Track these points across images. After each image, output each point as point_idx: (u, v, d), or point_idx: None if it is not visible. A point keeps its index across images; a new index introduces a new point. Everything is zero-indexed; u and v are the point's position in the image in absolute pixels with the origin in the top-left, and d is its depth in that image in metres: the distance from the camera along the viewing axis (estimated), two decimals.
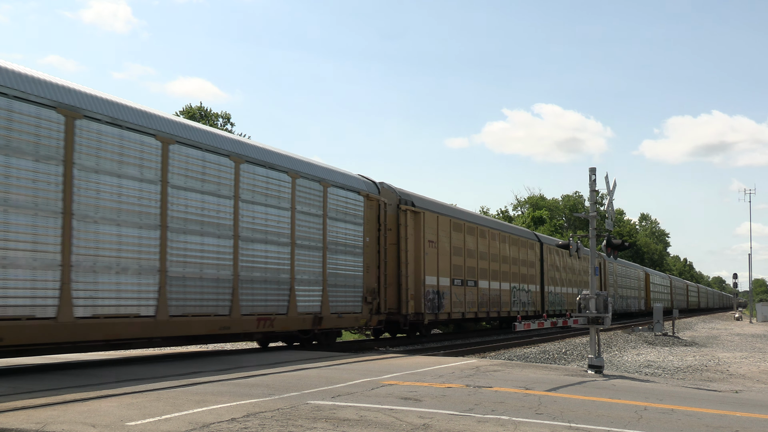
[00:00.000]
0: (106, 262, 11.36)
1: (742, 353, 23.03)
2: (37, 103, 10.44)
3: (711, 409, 9.21)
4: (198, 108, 48.07)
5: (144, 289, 12.04)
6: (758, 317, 58.93)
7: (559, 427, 7.02)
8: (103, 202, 11.42)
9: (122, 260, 11.66)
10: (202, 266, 13.32)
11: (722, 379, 15.49)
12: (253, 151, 14.99)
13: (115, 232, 11.57)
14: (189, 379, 9.87)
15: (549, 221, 74.40)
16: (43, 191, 10.45)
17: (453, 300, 23.37)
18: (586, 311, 13.82)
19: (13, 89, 10.15)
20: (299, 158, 16.79)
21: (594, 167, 14.10)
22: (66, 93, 11.01)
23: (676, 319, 36.50)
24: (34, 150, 10.37)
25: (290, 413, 7.26)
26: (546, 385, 10.45)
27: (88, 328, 11.01)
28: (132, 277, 11.83)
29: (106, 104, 11.68)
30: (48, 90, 10.71)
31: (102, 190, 11.41)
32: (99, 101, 11.58)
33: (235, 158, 14.23)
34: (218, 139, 14.21)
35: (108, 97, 11.94)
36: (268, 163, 15.16)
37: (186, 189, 13.02)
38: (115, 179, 11.66)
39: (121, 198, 11.73)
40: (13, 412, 6.99)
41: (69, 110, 10.87)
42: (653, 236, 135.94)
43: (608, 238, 14.90)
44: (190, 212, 13.07)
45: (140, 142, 12.15)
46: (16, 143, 10.13)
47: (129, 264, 11.77)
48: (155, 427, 6.39)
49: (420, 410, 7.66)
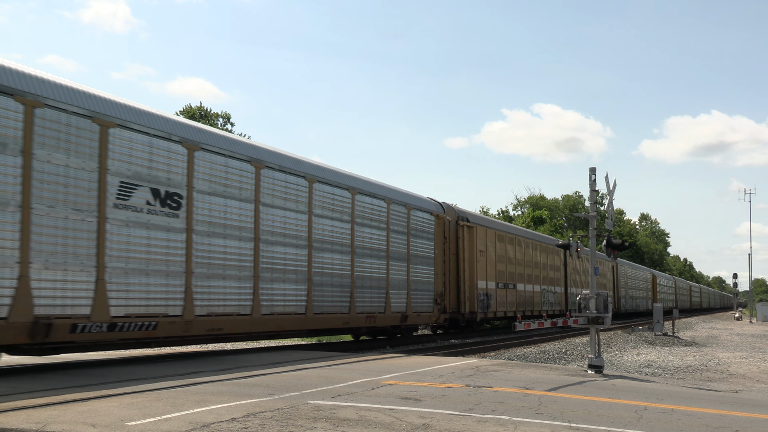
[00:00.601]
0: (280, 274, 15.52)
1: (742, 353, 23.02)
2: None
3: (711, 409, 9.21)
4: (198, 108, 48.06)
5: (301, 295, 16.14)
6: (758, 317, 58.94)
7: (559, 427, 7.02)
8: (277, 229, 15.56)
9: (288, 273, 15.79)
10: (332, 276, 17.31)
11: (722, 379, 15.48)
12: (365, 185, 19.37)
13: (282, 251, 15.66)
14: (189, 379, 9.87)
15: (549, 221, 74.39)
16: (245, 221, 14.64)
17: (497, 300, 27.32)
18: (586, 311, 13.82)
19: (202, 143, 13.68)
20: (392, 187, 21.18)
21: (594, 167, 14.10)
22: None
23: (676, 319, 36.48)
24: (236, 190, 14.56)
25: (290, 413, 7.26)
26: (546, 385, 10.45)
27: (268, 322, 15.10)
28: (293, 285, 15.97)
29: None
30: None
31: (274, 220, 15.47)
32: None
33: (352, 191, 18.54)
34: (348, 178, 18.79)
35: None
36: (374, 193, 19.50)
37: (322, 216, 17.10)
38: (279, 211, 15.65)
39: (286, 225, 15.82)
40: (13, 412, 6.99)
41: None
42: (653, 236, 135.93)
43: (608, 238, 14.89)
44: (326, 235, 17.19)
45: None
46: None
47: (293, 276, 15.91)
48: (155, 427, 6.39)
49: (420, 410, 7.66)
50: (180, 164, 13.02)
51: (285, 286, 15.61)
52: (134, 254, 11.98)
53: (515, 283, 29.26)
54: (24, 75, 10.57)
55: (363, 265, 18.58)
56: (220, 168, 13.99)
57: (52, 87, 10.94)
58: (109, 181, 11.57)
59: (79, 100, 11.27)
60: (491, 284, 26.71)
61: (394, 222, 20.17)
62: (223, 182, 14.00)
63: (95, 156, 11.39)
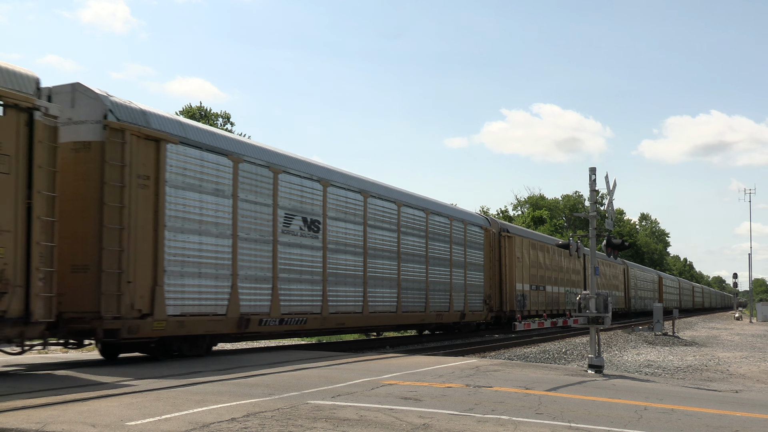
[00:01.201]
0: (380, 281, 19.56)
1: (742, 353, 23.02)
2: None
3: (711, 408, 9.21)
4: (198, 108, 48.05)
5: (393, 297, 20.23)
6: (758, 317, 58.93)
7: (559, 426, 7.02)
8: (378, 245, 19.53)
9: (385, 280, 19.86)
10: (414, 281, 21.47)
11: (722, 378, 15.48)
12: (435, 206, 23.61)
13: (381, 263, 19.68)
14: (189, 379, 9.87)
15: (549, 221, 74.40)
16: (359, 240, 18.67)
17: (531, 300, 31.10)
18: (586, 311, 13.82)
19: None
20: (453, 206, 26.76)
21: (594, 167, 14.09)
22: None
23: (676, 318, 36.52)
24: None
25: (290, 413, 7.26)
26: (546, 385, 10.45)
27: (372, 318, 19.12)
28: (388, 289, 19.94)
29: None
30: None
31: (375, 238, 19.51)
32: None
33: (426, 211, 22.63)
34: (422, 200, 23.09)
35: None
36: (440, 212, 23.71)
37: (406, 234, 21.13)
38: (378, 231, 19.59)
39: (384, 242, 19.90)
40: (13, 411, 6.99)
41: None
42: (653, 236, 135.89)
43: (608, 237, 14.89)
44: (408, 249, 21.25)
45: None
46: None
47: (388, 282, 20.02)
48: (155, 427, 6.38)
49: (420, 410, 7.65)
50: (318, 198, 17.01)
51: (383, 290, 19.69)
52: (294, 267, 15.94)
53: (545, 285, 33.19)
54: (231, 140, 14.77)
55: (434, 272, 22.82)
56: (343, 199, 18.00)
57: (247, 147, 15.06)
58: (279, 213, 15.53)
59: (261, 155, 15.28)
60: (526, 286, 30.55)
61: (455, 236, 24.52)
62: (344, 210, 18.00)
63: (270, 195, 15.37)
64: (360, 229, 18.63)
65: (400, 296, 20.48)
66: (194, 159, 13.30)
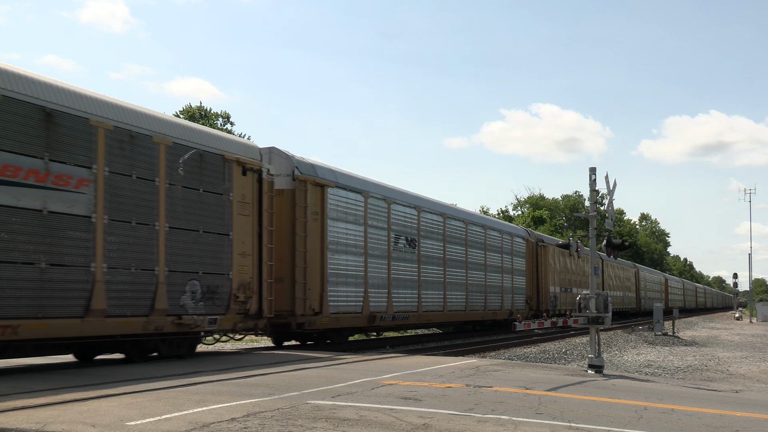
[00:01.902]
0: (455, 286, 24.47)
1: (742, 353, 23.02)
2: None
3: (711, 408, 9.21)
4: (198, 108, 48.03)
5: (462, 298, 25.01)
6: (758, 317, 58.94)
7: (559, 426, 7.02)
8: (450, 257, 24.20)
9: (457, 285, 24.64)
10: (477, 285, 26.30)
11: (722, 378, 15.48)
12: (491, 223, 29.20)
13: (452, 271, 24.36)
14: (189, 378, 9.87)
15: (549, 221, 74.38)
16: (439, 254, 23.55)
17: (561, 301, 35.41)
18: (586, 311, 13.81)
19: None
20: (502, 222, 32.89)
21: (594, 167, 14.09)
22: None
23: (676, 318, 36.55)
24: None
25: (290, 413, 7.25)
26: (546, 385, 10.45)
27: (449, 315, 24.07)
28: (459, 292, 24.82)
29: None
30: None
31: (450, 251, 24.46)
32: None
33: (484, 227, 27.50)
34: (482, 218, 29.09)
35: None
36: (494, 227, 28.71)
37: (471, 247, 26.10)
38: (450, 245, 24.32)
39: (456, 255, 24.83)
40: (13, 411, 6.98)
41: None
42: (653, 236, 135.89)
43: (608, 237, 14.89)
44: (472, 260, 25.95)
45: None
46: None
47: (459, 287, 24.82)
48: (155, 427, 6.38)
49: (420, 410, 7.65)
50: (414, 221, 21.80)
51: (455, 293, 24.37)
52: (400, 276, 20.72)
53: (571, 287, 37.65)
54: (363, 181, 19.43)
55: (490, 277, 27.60)
56: (430, 221, 22.84)
57: (372, 185, 19.68)
58: (391, 236, 20.28)
59: (380, 190, 20.03)
60: (557, 289, 34.82)
61: (504, 246, 29.31)
62: (431, 230, 22.80)
63: (386, 221, 20.06)
64: (440, 245, 23.43)
65: (468, 298, 25.36)
66: (342, 198, 18.11)
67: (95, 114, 11.24)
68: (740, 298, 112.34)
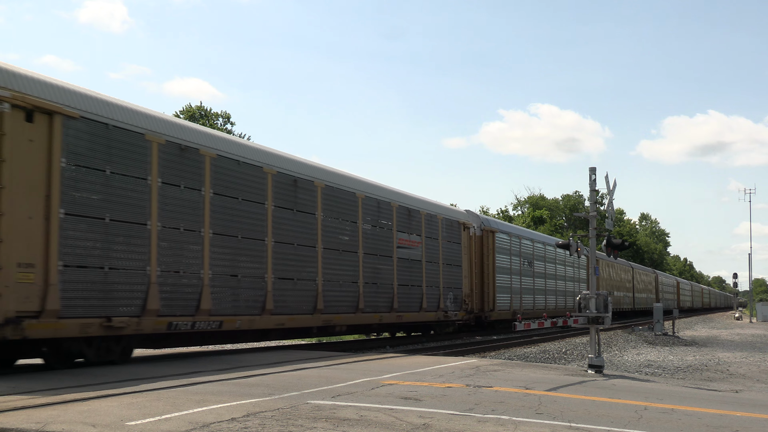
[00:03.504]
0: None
1: (742, 353, 23.03)
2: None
3: (711, 408, 9.21)
4: (198, 108, 48.02)
5: (530, 300, 32.01)
6: (758, 317, 58.95)
7: (560, 426, 7.02)
8: (536, 270, 33.01)
9: (536, 291, 32.83)
10: (539, 291, 33.05)
11: (722, 378, 15.48)
12: (539, 237, 35.02)
13: (540, 281, 33.11)
14: (189, 378, 9.87)
15: (549, 221, 74.39)
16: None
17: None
18: (586, 311, 13.81)
19: None
20: (543, 235, 38.19)
21: (594, 167, 14.10)
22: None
23: (676, 318, 36.56)
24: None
25: (290, 413, 7.26)
26: (546, 385, 10.45)
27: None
28: (537, 296, 32.64)
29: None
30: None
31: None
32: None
33: (544, 243, 34.33)
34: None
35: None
36: (541, 240, 34.36)
37: (536, 260, 32.76)
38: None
39: (538, 268, 33.34)
40: (13, 411, 6.98)
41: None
42: (653, 236, 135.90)
43: (608, 237, 14.89)
44: (547, 271, 34.15)
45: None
46: None
47: (532, 292, 32.49)
48: (155, 427, 6.38)
49: (420, 410, 7.65)
50: (530, 248, 29.83)
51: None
52: (527, 287, 30.12)
53: (613, 291, 45.71)
54: (508, 225, 29.98)
55: (550, 283, 34.45)
56: (529, 246, 31.53)
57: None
58: (523, 261, 29.98)
59: (519, 232, 29.66)
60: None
61: (548, 256, 34.46)
62: (527, 253, 31.07)
63: (518, 251, 29.67)
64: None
65: (534, 299, 32.31)
66: (505, 238, 28.75)
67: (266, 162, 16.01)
68: (740, 298, 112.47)
